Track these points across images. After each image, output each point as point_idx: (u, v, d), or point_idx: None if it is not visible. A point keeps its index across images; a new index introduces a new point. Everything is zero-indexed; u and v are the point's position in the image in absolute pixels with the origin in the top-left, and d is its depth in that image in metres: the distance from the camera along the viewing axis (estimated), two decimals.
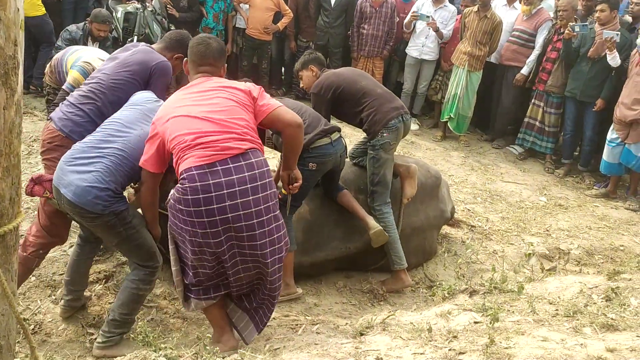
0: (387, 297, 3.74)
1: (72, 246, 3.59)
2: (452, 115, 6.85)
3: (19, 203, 1.53)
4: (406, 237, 3.92)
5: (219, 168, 2.37)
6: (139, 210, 2.88)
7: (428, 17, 6.68)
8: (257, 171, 2.45)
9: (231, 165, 2.39)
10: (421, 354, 2.16)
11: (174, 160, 2.49)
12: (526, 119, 6.71)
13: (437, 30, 6.73)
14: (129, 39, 6.27)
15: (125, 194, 2.81)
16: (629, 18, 6.35)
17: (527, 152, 6.89)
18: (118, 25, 6.22)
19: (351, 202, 3.68)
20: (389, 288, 3.78)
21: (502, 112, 7.06)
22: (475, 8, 6.51)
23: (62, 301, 3.05)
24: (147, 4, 6.56)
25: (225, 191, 2.36)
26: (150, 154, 2.56)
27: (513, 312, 2.64)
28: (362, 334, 2.59)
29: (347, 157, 3.76)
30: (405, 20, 6.90)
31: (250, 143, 2.47)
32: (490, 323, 2.36)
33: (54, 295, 3.25)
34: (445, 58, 7.05)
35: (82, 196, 2.56)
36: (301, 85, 4.01)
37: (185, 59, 2.79)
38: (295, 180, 2.95)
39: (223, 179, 2.36)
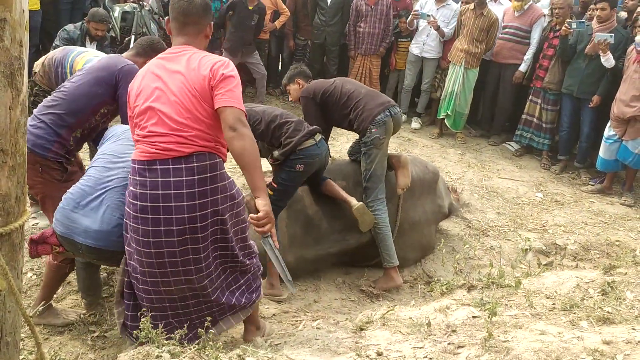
0: (381, 296, 3.76)
1: None
2: (449, 113, 6.89)
3: (25, 202, 1.55)
4: (404, 232, 3.95)
5: (159, 167, 2.28)
6: None
7: (429, 15, 6.71)
8: (196, 177, 2.29)
9: (171, 167, 2.27)
10: (421, 347, 2.19)
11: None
12: (523, 116, 6.75)
13: (437, 28, 6.76)
14: (127, 38, 6.28)
15: None
16: (623, 14, 6.39)
17: (524, 148, 6.93)
18: (115, 25, 6.22)
19: (334, 188, 3.74)
20: (381, 287, 3.80)
21: (499, 109, 7.10)
22: (472, 6, 6.54)
23: (85, 301, 3.03)
24: (144, 3, 6.57)
25: (160, 192, 2.27)
26: (132, 129, 2.48)
27: (511, 306, 2.67)
28: (362, 329, 2.62)
29: (330, 157, 3.86)
30: (408, 19, 6.94)
31: (197, 146, 2.30)
32: (489, 317, 2.39)
33: (55, 294, 3.26)
34: (444, 56, 7.08)
35: (103, 239, 2.48)
36: (290, 98, 4.14)
37: (167, 17, 2.57)
38: (254, 211, 2.33)
39: (160, 179, 2.27)
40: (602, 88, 5.92)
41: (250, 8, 6.70)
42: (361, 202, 3.65)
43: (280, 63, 7.96)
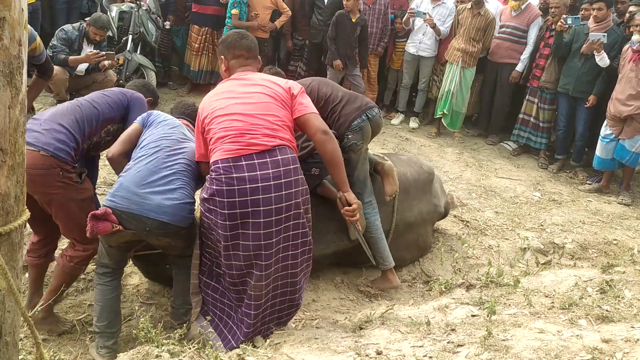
0: (379, 295, 3.76)
1: None
2: (445, 112, 6.90)
3: (24, 201, 1.54)
4: (400, 233, 3.94)
5: (244, 163, 2.42)
6: None
7: (425, 13, 6.71)
8: (283, 169, 2.47)
9: (256, 161, 2.43)
10: (420, 346, 2.19)
11: (209, 150, 2.57)
12: (521, 115, 6.76)
13: (434, 26, 6.76)
14: (124, 38, 6.28)
15: None
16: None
17: (521, 148, 6.94)
18: (113, 25, 6.21)
19: (329, 189, 3.68)
20: (378, 287, 3.79)
21: (496, 109, 7.11)
22: (469, 5, 6.56)
23: (104, 350, 2.74)
24: (142, 3, 6.56)
25: (247, 186, 2.40)
26: (202, 147, 2.66)
27: (510, 305, 2.68)
28: (361, 328, 2.62)
29: None
30: (404, 18, 6.94)
31: (280, 140, 2.50)
32: (488, 316, 2.39)
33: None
34: (440, 55, 7.09)
35: (177, 214, 2.57)
36: None
37: (221, 57, 2.84)
38: (348, 203, 2.72)
39: (247, 174, 2.41)
40: (598, 87, 5.94)
41: (353, 21, 6.65)
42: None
43: (277, 63, 7.95)
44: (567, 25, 5.91)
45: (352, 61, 6.81)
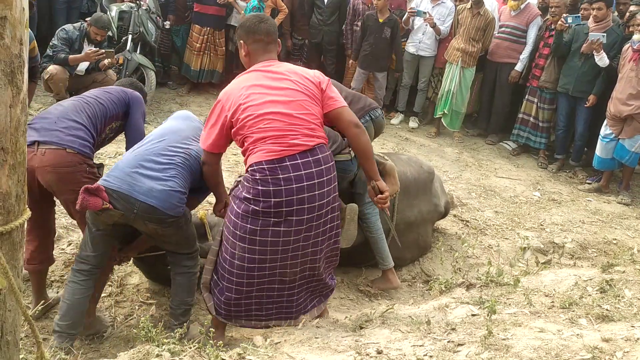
0: (379, 295, 3.76)
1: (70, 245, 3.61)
2: (445, 112, 6.90)
3: (25, 200, 1.54)
4: (400, 232, 3.94)
5: (288, 163, 2.47)
6: None
7: (425, 13, 6.71)
8: (323, 167, 2.55)
9: (300, 161, 2.48)
10: (420, 346, 2.20)
11: (242, 150, 2.58)
12: (520, 115, 6.77)
13: (434, 26, 6.76)
14: (124, 38, 6.27)
15: None
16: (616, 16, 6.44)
17: (521, 147, 6.95)
18: (113, 24, 6.20)
19: None
20: (378, 287, 3.79)
21: (496, 108, 7.11)
22: (469, 5, 6.56)
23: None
24: (142, 3, 6.55)
25: (294, 185, 2.46)
26: (214, 137, 2.60)
27: (510, 304, 2.68)
28: (361, 328, 2.62)
29: None
30: (404, 17, 6.93)
31: (318, 139, 2.56)
32: (488, 315, 2.39)
33: (58, 291, 3.26)
34: (439, 55, 7.09)
35: (166, 200, 2.58)
36: None
37: (240, 42, 2.74)
38: (380, 191, 2.82)
39: (292, 174, 2.46)
40: (598, 87, 5.95)
41: (381, 21, 6.62)
42: (355, 205, 3.59)
43: None
44: (567, 25, 5.91)
45: (379, 64, 6.82)
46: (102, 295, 3.31)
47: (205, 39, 7.09)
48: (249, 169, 2.53)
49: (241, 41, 2.75)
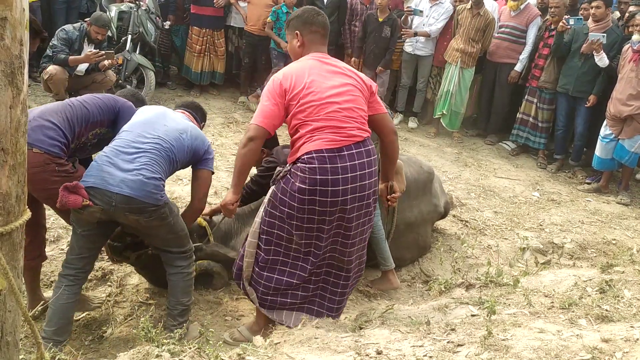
0: (379, 295, 3.77)
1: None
2: (445, 112, 6.91)
3: (25, 201, 1.54)
4: (400, 232, 3.94)
5: (346, 153, 2.57)
6: None
7: (421, 12, 6.72)
8: (372, 158, 2.68)
9: (354, 151, 2.60)
10: (420, 346, 2.20)
11: (295, 137, 2.62)
12: (519, 115, 6.77)
13: (414, 35, 6.87)
14: (123, 38, 6.27)
15: None
16: (617, 13, 6.43)
17: (520, 147, 6.95)
18: (112, 24, 6.20)
19: None
20: (378, 288, 3.80)
21: (495, 108, 7.12)
22: (469, 5, 6.56)
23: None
24: (141, 3, 6.55)
25: (349, 174, 2.57)
26: (271, 115, 2.62)
27: (509, 305, 2.68)
28: (361, 328, 2.62)
29: None
30: (402, 17, 6.94)
31: (366, 132, 2.69)
32: (487, 316, 2.40)
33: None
34: (437, 54, 7.09)
35: (141, 189, 2.60)
36: None
37: (295, 32, 2.79)
38: (393, 191, 3.01)
39: (348, 163, 2.57)
40: (598, 87, 5.95)
41: (380, 20, 6.70)
42: None
43: None
44: (569, 26, 5.92)
45: (377, 61, 6.92)
46: (102, 295, 3.31)
47: (205, 41, 7.09)
48: (305, 156, 2.56)
49: (297, 31, 2.79)
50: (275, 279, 2.74)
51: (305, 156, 2.55)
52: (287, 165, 2.67)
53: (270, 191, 2.73)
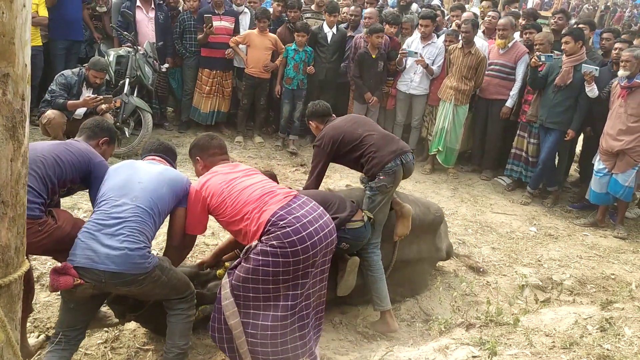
0: (378, 336, 3.72)
1: None
2: (440, 149, 6.97)
3: (24, 252, 1.55)
4: (396, 268, 3.94)
5: (293, 205, 2.80)
6: None
7: (416, 53, 6.86)
8: (320, 209, 2.91)
9: (299, 202, 2.84)
10: None
11: (243, 226, 2.80)
12: (513, 150, 6.85)
13: (426, 66, 6.91)
14: (121, 82, 6.37)
15: None
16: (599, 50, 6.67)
17: (515, 182, 7.00)
18: (110, 68, 6.30)
19: None
20: (376, 330, 3.75)
21: (489, 144, 7.20)
22: (460, 44, 6.71)
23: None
24: (139, 47, 6.67)
25: (306, 220, 2.74)
26: (199, 220, 2.97)
27: (510, 345, 2.66)
28: None
29: None
30: (397, 59, 7.07)
31: (295, 191, 2.98)
32: (489, 357, 2.38)
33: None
34: (431, 94, 7.20)
35: (126, 262, 2.57)
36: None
37: (197, 158, 3.23)
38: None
39: (300, 212, 2.77)
40: (576, 123, 6.15)
41: (373, 57, 6.91)
42: (357, 258, 3.57)
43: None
44: (540, 63, 6.11)
45: (377, 95, 7.15)
46: (98, 342, 3.27)
47: (215, 82, 7.27)
48: (266, 228, 2.70)
49: (197, 157, 3.24)
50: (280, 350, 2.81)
51: (266, 225, 2.71)
52: (253, 242, 2.74)
53: (240, 274, 2.74)
